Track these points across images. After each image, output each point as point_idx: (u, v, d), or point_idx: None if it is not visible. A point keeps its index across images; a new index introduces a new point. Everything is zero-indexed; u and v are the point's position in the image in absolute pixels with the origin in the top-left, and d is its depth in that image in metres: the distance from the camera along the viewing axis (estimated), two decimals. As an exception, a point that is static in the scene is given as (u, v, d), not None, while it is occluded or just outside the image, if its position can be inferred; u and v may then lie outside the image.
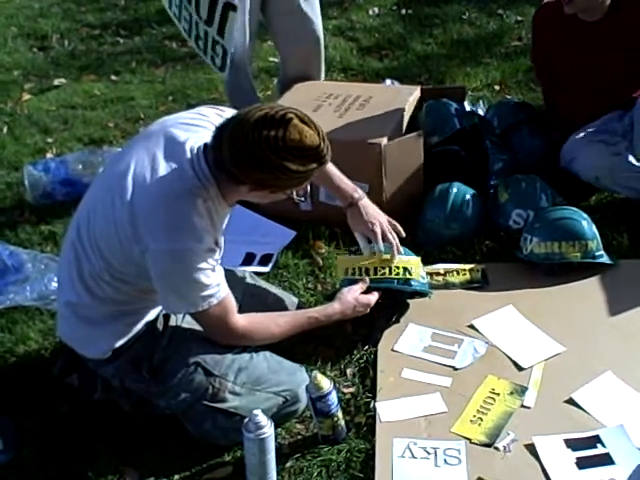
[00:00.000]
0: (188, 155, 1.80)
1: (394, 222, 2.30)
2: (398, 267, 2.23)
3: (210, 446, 1.95)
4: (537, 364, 2.13)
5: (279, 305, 2.18)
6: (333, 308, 2.11)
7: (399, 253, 2.25)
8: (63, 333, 2.02)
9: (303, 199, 1.92)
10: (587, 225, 2.47)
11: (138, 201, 1.77)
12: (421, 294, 2.33)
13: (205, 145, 1.80)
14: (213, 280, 1.81)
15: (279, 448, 1.89)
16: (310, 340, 2.21)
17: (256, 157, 1.69)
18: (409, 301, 2.35)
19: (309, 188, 1.92)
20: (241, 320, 1.92)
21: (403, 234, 2.31)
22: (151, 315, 1.98)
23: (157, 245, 1.75)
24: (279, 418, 1.94)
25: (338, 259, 2.33)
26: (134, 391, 1.99)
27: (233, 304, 1.90)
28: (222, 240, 1.86)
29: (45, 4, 5.23)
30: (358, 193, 2.27)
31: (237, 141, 1.70)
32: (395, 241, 2.24)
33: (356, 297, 2.15)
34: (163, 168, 1.79)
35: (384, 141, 2.64)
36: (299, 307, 2.24)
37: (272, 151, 1.69)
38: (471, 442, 1.90)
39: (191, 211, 1.75)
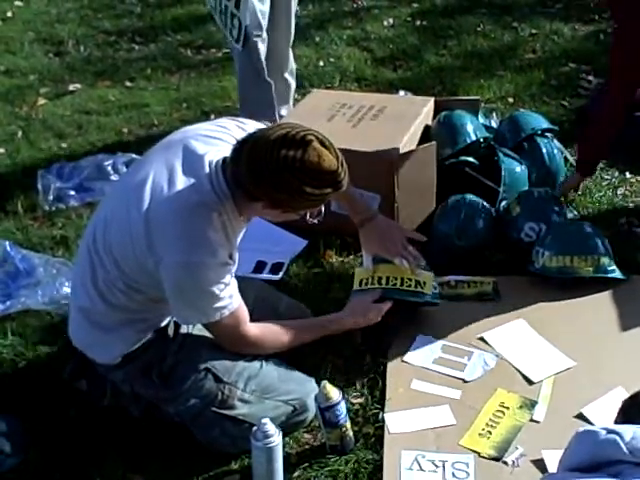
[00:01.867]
0: (206, 169, 1.80)
1: (410, 233, 2.29)
2: (410, 279, 2.22)
3: (217, 454, 1.95)
4: (547, 378, 2.12)
5: (290, 312, 2.17)
6: (344, 316, 2.11)
7: (419, 266, 2.23)
8: (74, 337, 2.02)
9: (316, 221, 1.92)
10: (600, 240, 2.46)
11: (154, 213, 1.78)
12: (430, 305, 2.32)
13: (224, 159, 1.80)
14: (226, 292, 1.81)
15: (287, 457, 1.88)
16: (319, 350, 2.20)
17: (272, 176, 1.69)
18: (420, 312, 2.34)
19: (323, 210, 1.92)
20: (252, 329, 1.92)
21: (424, 239, 2.30)
22: (163, 323, 1.98)
23: (171, 257, 1.75)
24: (287, 427, 1.94)
25: (355, 271, 2.31)
26: (143, 397, 1.99)
27: (245, 314, 1.90)
28: (236, 254, 1.87)
29: (62, 10, 5.26)
30: (370, 211, 2.27)
31: (255, 158, 1.71)
32: (413, 253, 2.23)
33: (367, 305, 2.14)
34: (181, 181, 1.80)
35: (397, 152, 2.63)
36: (310, 316, 2.24)
37: (289, 171, 1.68)
38: (480, 456, 1.89)
39: (206, 225, 1.76)
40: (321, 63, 4.26)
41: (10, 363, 2.29)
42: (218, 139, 1.89)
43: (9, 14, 5.24)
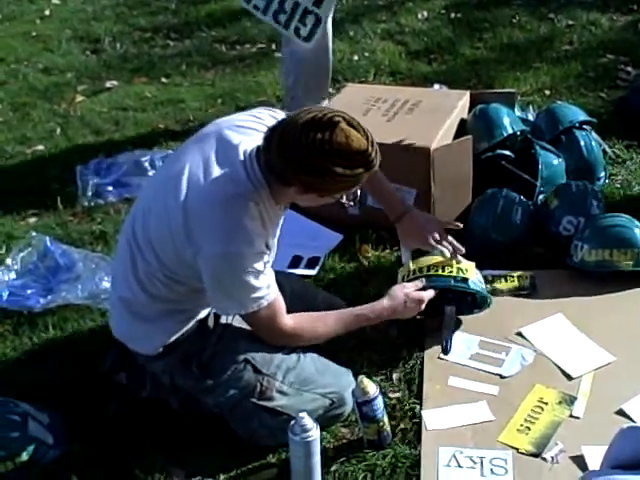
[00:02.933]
0: (241, 157, 1.82)
1: (446, 223, 2.28)
2: (452, 266, 2.18)
3: (255, 447, 1.96)
4: (586, 374, 2.10)
5: (327, 307, 2.15)
6: (382, 304, 2.07)
7: (459, 253, 2.20)
8: (115, 328, 2.05)
9: (352, 203, 1.92)
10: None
11: (191, 204, 1.80)
12: (481, 303, 2.28)
13: (258, 148, 1.82)
14: (263, 282, 1.82)
15: (324, 451, 1.88)
16: (355, 345, 2.21)
17: (303, 160, 1.70)
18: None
19: (359, 192, 1.91)
20: (290, 321, 1.93)
21: (460, 226, 2.29)
22: (203, 314, 2.00)
23: (209, 247, 1.77)
24: (325, 421, 1.95)
25: (398, 271, 2.28)
26: (183, 388, 2.01)
27: (282, 305, 1.91)
28: (274, 242, 1.88)
29: (98, 8, 5.32)
30: (405, 206, 2.26)
31: (285, 143, 1.72)
32: (453, 244, 2.21)
33: (407, 293, 2.09)
34: (216, 171, 1.81)
35: (433, 146, 2.62)
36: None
37: (318, 154, 1.69)
38: (518, 452, 1.88)
39: (243, 214, 1.77)
40: (355, 57, 4.26)
41: (51, 356, 2.33)
42: (252, 129, 1.90)
43: (47, 12, 5.32)
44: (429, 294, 2.12)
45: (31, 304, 2.51)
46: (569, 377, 2.09)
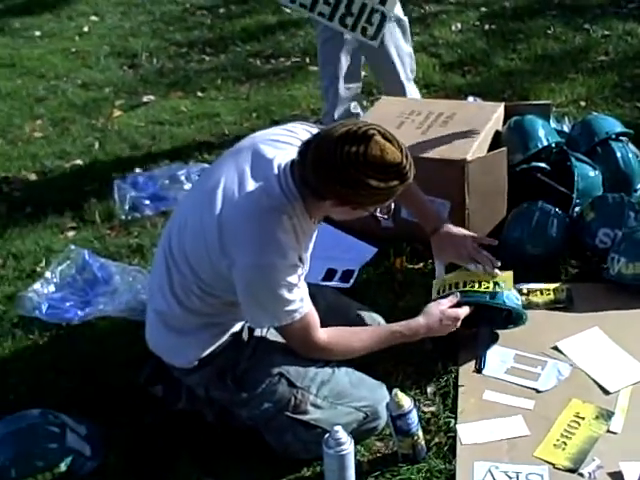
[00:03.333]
0: (275, 171, 1.84)
1: (481, 238, 2.28)
2: (488, 281, 2.17)
3: (290, 460, 1.96)
4: (624, 388, 2.07)
5: (361, 320, 2.17)
6: (418, 322, 2.06)
7: (495, 266, 2.19)
8: (151, 341, 2.07)
9: (386, 217, 1.93)
10: (678, 246, 2.40)
11: (226, 217, 1.82)
12: (516, 318, 2.26)
13: (292, 162, 1.83)
14: (296, 295, 1.84)
15: (358, 465, 1.89)
16: (390, 358, 2.20)
17: (337, 172, 1.71)
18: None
19: (393, 206, 1.92)
20: (324, 335, 1.94)
21: (495, 242, 2.28)
22: (237, 327, 2.02)
23: (242, 260, 1.79)
24: (359, 434, 1.95)
25: (433, 283, 2.28)
26: (218, 401, 2.03)
27: (316, 319, 1.91)
28: (307, 256, 1.89)
29: (135, 24, 5.41)
30: (440, 219, 2.26)
31: (320, 156, 1.73)
32: (488, 258, 2.20)
33: (443, 310, 2.08)
34: (251, 184, 1.84)
35: (468, 158, 2.62)
36: (381, 324, 2.23)
37: (353, 167, 1.70)
38: (555, 467, 1.86)
39: (277, 227, 1.79)
40: (389, 70, 4.26)
41: (88, 368, 2.36)
42: (286, 143, 1.92)
43: (85, 29, 5.43)
44: (465, 311, 2.11)
45: (69, 317, 2.55)
46: (606, 392, 2.07)
